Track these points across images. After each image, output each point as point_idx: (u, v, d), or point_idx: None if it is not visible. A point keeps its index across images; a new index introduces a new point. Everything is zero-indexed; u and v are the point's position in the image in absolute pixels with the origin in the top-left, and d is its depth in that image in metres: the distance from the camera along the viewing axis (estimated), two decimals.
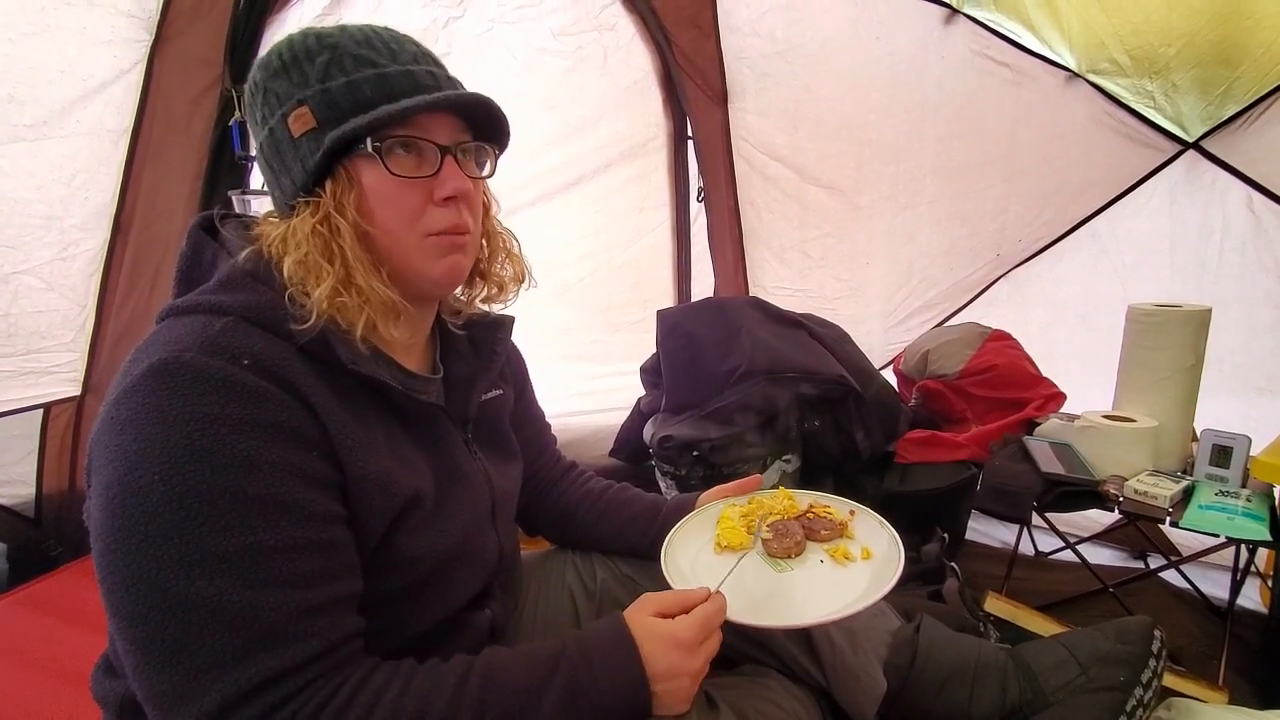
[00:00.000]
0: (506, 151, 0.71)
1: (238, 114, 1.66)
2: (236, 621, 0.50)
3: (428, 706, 0.55)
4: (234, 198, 1.63)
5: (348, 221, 0.60)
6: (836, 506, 0.87)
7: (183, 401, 0.51)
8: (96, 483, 0.52)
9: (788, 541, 0.79)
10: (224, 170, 1.70)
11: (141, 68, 1.59)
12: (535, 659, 0.60)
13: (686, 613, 0.64)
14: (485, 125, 0.67)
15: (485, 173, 0.69)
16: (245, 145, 1.68)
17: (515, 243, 0.78)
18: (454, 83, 0.66)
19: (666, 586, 0.72)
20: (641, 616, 0.64)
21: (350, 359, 0.60)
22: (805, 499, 0.89)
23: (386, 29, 0.64)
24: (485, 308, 0.80)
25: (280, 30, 1.69)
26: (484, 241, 0.73)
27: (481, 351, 0.79)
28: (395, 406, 0.65)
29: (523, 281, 0.79)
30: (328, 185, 0.60)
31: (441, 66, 0.67)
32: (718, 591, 0.66)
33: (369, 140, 0.59)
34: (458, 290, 0.75)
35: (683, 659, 0.61)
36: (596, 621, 0.66)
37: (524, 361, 0.94)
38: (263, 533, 0.52)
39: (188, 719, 0.50)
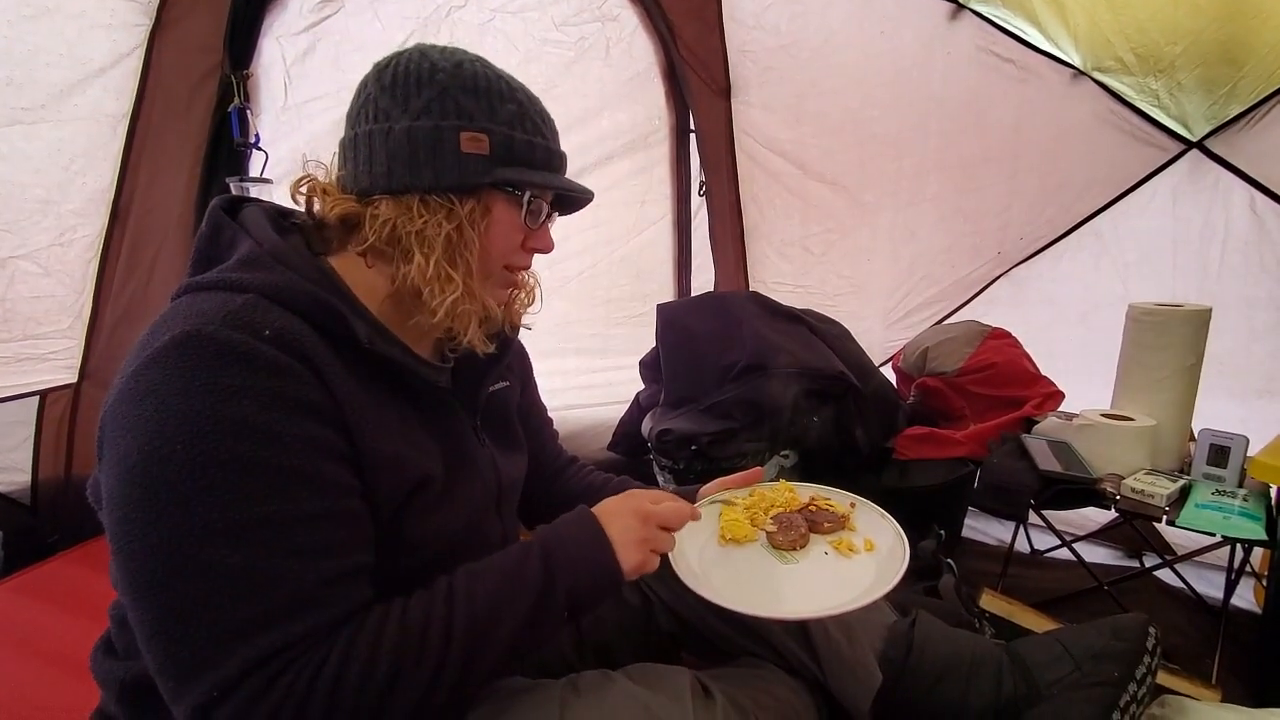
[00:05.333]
0: None
1: (237, 100, 1.65)
2: (260, 589, 0.51)
3: (429, 620, 0.58)
4: (232, 184, 1.62)
5: (478, 236, 0.67)
6: (837, 499, 0.88)
7: (205, 373, 0.52)
8: (111, 454, 0.52)
9: (792, 534, 0.80)
10: (223, 157, 1.69)
11: (141, 53, 1.58)
12: (509, 551, 0.66)
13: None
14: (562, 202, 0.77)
15: None
16: (244, 132, 1.67)
17: (536, 285, 0.82)
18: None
19: (669, 579, 0.72)
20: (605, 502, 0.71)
21: (368, 339, 0.61)
22: (806, 492, 0.90)
23: (535, 98, 0.71)
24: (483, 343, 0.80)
25: (280, 17, 1.66)
26: None
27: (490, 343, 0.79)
28: (408, 389, 0.67)
29: (532, 303, 0.83)
30: (466, 200, 0.66)
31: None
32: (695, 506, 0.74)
33: (528, 192, 0.69)
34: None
35: (635, 522, 0.68)
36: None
37: (528, 356, 0.96)
38: (286, 502, 0.53)
39: (205, 686, 0.50)
